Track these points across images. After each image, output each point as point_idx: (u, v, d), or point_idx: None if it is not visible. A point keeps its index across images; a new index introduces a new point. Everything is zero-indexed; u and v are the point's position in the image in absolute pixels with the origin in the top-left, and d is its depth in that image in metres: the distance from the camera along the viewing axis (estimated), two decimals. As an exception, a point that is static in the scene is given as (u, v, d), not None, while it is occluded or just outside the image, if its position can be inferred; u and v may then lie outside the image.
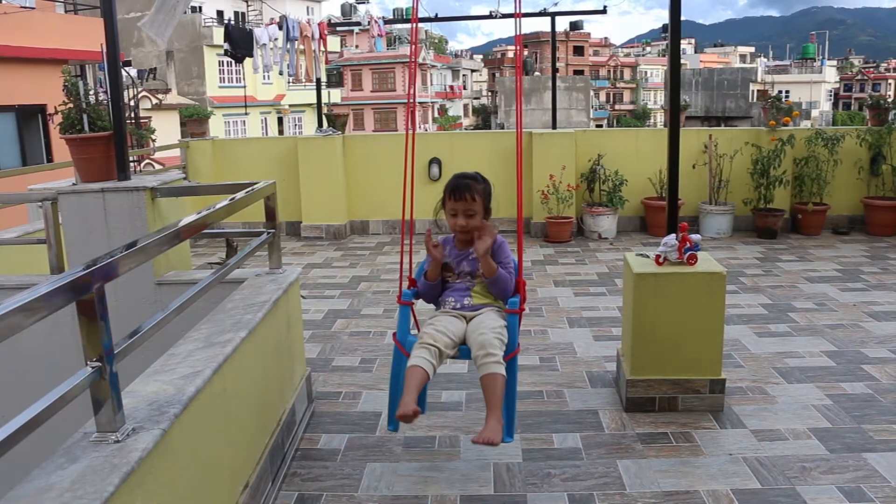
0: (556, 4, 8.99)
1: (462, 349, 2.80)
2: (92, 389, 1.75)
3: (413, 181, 3.03)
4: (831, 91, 65.55)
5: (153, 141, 12.90)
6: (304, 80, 9.18)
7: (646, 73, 71.67)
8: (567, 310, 5.34)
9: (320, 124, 9.16)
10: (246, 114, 32.21)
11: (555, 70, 9.42)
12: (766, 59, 75.57)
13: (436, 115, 53.04)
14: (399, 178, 9.52)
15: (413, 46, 3.50)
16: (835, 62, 73.52)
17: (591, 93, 33.14)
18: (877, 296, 5.51)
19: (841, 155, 7.86)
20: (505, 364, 2.65)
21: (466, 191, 2.83)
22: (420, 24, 3.75)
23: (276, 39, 8.90)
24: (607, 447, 3.20)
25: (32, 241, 4.81)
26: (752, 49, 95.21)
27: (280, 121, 36.58)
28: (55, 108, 3.95)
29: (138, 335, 2.03)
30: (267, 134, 34.13)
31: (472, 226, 2.85)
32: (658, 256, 3.52)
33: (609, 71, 69.74)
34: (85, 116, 3.69)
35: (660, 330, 3.47)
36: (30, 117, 14.20)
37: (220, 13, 33.93)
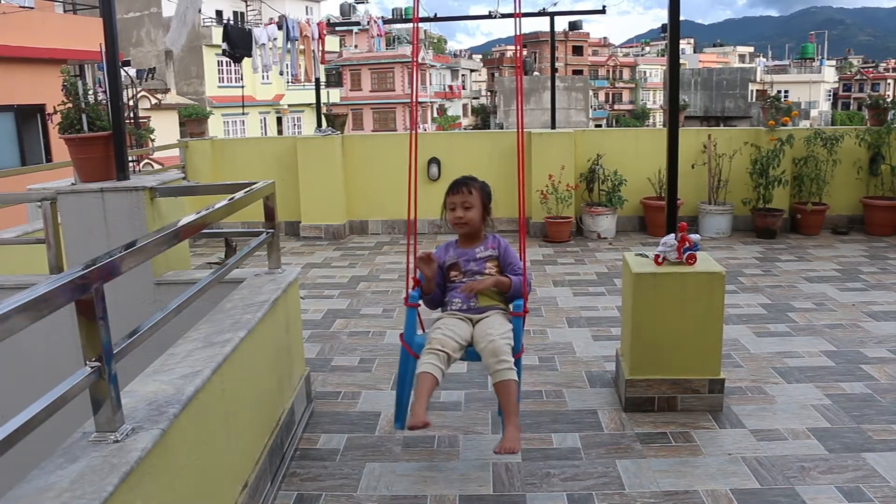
0: (555, 4, 8.98)
1: (468, 351, 2.91)
2: (91, 389, 1.75)
3: (416, 181, 3.09)
4: (830, 91, 65.58)
5: (152, 141, 12.87)
6: (303, 80, 9.17)
7: (645, 72, 71.69)
8: (566, 310, 5.34)
9: (319, 124, 9.16)
10: (245, 114, 32.17)
11: (554, 70, 9.42)
12: (765, 59, 75.60)
13: (435, 114, 53.05)
14: (398, 177, 9.50)
15: (414, 46, 3.57)
16: (834, 62, 73.56)
17: (591, 93, 33.16)
18: (876, 296, 5.51)
19: (840, 155, 7.86)
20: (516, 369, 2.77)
21: (463, 185, 3.04)
22: (419, 24, 3.76)
23: (275, 39, 8.90)
24: (606, 447, 3.20)
25: (31, 240, 4.80)
26: (752, 49, 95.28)
27: (279, 121, 36.57)
28: (54, 107, 3.94)
29: (137, 335, 2.02)
30: (266, 134, 34.12)
31: (469, 218, 3.02)
32: (657, 256, 3.52)
33: (608, 71, 69.76)
34: (84, 116, 3.68)
35: (659, 330, 3.47)
36: (29, 117, 14.19)
37: (219, 13, 33.90)
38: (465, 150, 8.55)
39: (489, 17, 8.98)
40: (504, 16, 8.65)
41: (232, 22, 27.94)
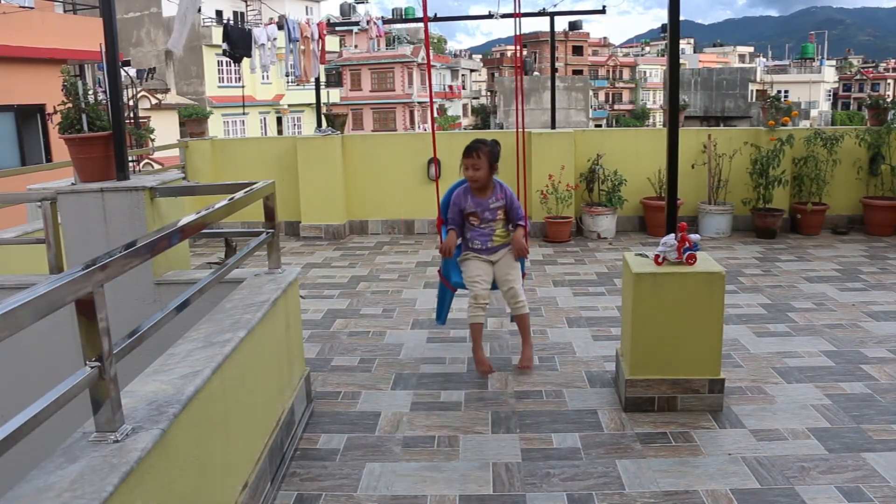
0: (555, 5, 8.97)
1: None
2: (91, 389, 1.75)
3: (438, 172, 3.53)
4: (830, 91, 65.58)
5: (152, 141, 12.89)
6: (304, 80, 9.16)
7: (645, 72, 71.70)
8: (566, 310, 5.34)
9: (319, 124, 9.15)
10: (245, 114, 32.21)
11: (554, 70, 9.41)
12: (765, 59, 75.63)
13: (435, 114, 53.05)
14: (398, 177, 9.53)
15: (427, 48, 3.89)
16: (834, 62, 73.54)
17: (591, 92, 33.15)
18: (876, 295, 5.51)
19: (840, 155, 7.86)
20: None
21: (473, 150, 4.00)
22: (419, 24, 3.85)
23: (274, 39, 8.89)
24: (606, 447, 3.20)
25: (31, 240, 4.80)
26: (752, 49, 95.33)
27: (279, 121, 36.60)
28: (54, 107, 3.94)
29: (137, 335, 2.03)
30: (266, 134, 34.14)
31: (478, 176, 4.00)
32: (657, 256, 3.52)
33: (608, 71, 69.78)
34: (84, 116, 3.68)
35: (659, 330, 3.47)
36: (29, 117, 14.20)
37: (219, 13, 33.91)
38: (465, 150, 8.53)
39: (489, 17, 8.96)
40: (504, 16, 8.63)
41: (232, 22, 27.94)
